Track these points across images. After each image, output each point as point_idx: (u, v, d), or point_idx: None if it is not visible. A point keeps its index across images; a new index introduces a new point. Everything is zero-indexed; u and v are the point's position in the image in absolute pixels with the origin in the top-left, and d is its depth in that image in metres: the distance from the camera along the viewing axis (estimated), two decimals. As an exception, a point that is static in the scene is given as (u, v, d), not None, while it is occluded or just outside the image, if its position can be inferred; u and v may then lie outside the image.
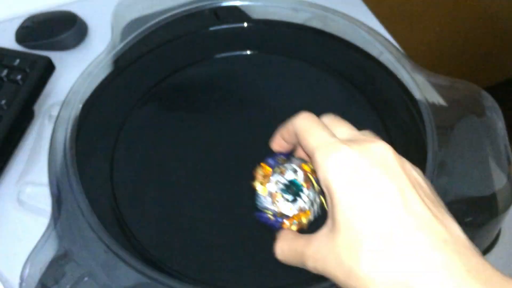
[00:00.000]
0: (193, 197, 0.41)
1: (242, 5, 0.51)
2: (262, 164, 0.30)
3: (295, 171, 0.29)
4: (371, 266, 0.20)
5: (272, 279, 0.37)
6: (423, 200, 0.22)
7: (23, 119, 0.45)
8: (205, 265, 0.37)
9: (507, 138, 0.40)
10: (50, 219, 0.36)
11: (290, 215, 0.28)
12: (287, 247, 0.27)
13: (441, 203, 0.24)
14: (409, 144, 0.43)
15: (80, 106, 0.42)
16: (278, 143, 0.30)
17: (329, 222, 0.24)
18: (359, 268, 0.20)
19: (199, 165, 0.43)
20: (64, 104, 0.42)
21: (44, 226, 0.36)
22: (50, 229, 0.35)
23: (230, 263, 0.37)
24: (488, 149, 0.40)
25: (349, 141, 0.24)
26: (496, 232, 0.39)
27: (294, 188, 0.29)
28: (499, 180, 0.38)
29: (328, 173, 0.23)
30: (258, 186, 0.30)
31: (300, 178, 0.29)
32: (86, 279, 0.33)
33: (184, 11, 0.49)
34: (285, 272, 0.37)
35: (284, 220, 0.28)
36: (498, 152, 0.40)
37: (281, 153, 0.31)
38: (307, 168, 0.30)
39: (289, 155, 0.31)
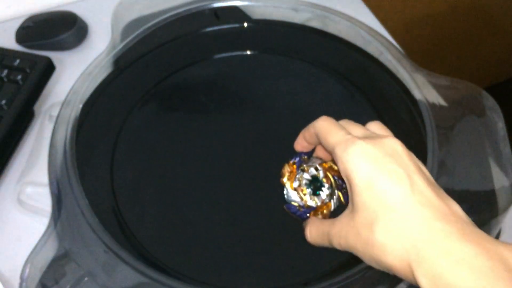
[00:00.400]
0: (193, 197, 0.41)
1: (242, 5, 0.51)
2: (289, 162, 0.34)
3: (316, 169, 0.33)
4: (384, 236, 0.24)
5: (272, 279, 0.37)
6: (426, 183, 0.26)
7: (23, 119, 0.45)
8: (205, 265, 0.37)
9: (507, 138, 0.40)
10: (50, 219, 0.36)
11: (314, 206, 0.33)
12: (315, 230, 0.31)
13: (441, 189, 0.27)
14: (409, 144, 0.43)
15: (80, 106, 0.42)
16: (301, 144, 0.34)
17: (349, 205, 0.28)
18: (375, 238, 0.25)
19: (199, 165, 0.43)
20: (64, 104, 0.42)
21: (44, 226, 0.36)
22: (50, 229, 0.35)
23: (230, 263, 0.37)
24: (488, 149, 0.40)
25: (364, 137, 0.28)
26: (496, 231, 0.39)
27: (317, 184, 0.33)
28: (499, 180, 0.38)
29: (347, 163, 0.27)
30: (286, 182, 0.34)
31: (321, 175, 0.33)
32: (86, 279, 0.33)
33: (184, 11, 0.49)
34: (285, 272, 0.37)
35: (310, 211, 0.33)
36: (498, 152, 0.40)
37: (303, 153, 0.35)
38: (326, 166, 0.34)
39: (310, 155, 0.35)
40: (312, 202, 0.33)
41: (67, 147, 0.39)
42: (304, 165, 0.34)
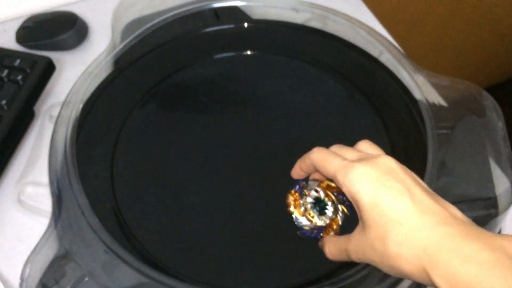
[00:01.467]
0: (193, 197, 0.41)
1: (242, 5, 0.51)
2: (291, 192, 0.36)
3: (316, 191, 0.36)
4: (397, 248, 0.27)
5: (272, 279, 0.37)
6: (424, 193, 0.28)
7: (23, 119, 0.45)
8: (205, 265, 0.37)
9: (507, 138, 0.40)
10: (51, 219, 0.36)
11: (324, 225, 0.35)
12: (333, 248, 0.33)
13: (437, 195, 0.29)
14: (409, 144, 0.43)
15: (81, 106, 0.42)
16: (298, 173, 0.36)
17: (360, 222, 0.30)
18: (389, 250, 0.27)
19: (199, 165, 0.43)
20: (64, 104, 0.42)
21: (44, 226, 0.36)
22: (51, 229, 0.35)
23: (230, 263, 0.38)
24: (488, 149, 0.40)
25: (359, 160, 0.30)
26: (496, 232, 0.39)
27: (321, 204, 0.35)
28: (499, 180, 0.38)
29: (351, 187, 0.29)
30: (293, 210, 0.36)
31: (322, 195, 0.36)
32: (86, 279, 0.33)
33: (184, 11, 0.49)
34: (285, 273, 0.37)
35: (323, 231, 0.35)
36: (498, 152, 0.40)
37: (301, 179, 0.37)
38: (323, 185, 0.36)
39: (307, 179, 0.37)
40: (321, 222, 0.35)
41: (67, 147, 0.39)
42: (305, 190, 0.36)
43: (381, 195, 0.28)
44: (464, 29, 1.10)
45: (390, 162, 0.30)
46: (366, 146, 0.33)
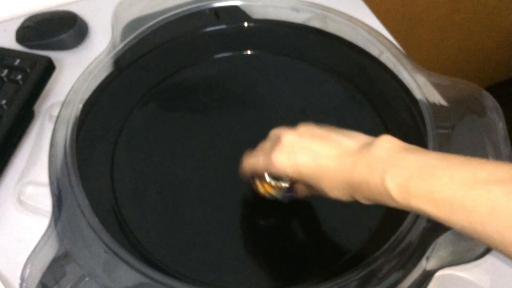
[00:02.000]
0: (193, 197, 0.41)
1: (242, 5, 0.51)
2: (257, 186, 0.39)
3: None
4: (332, 193, 0.34)
5: (272, 279, 0.37)
6: (321, 143, 0.34)
7: (23, 119, 0.45)
8: (205, 265, 0.37)
9: (507, 138, 0.40)
10: (51, 219, 0.36)
11: (290, 182, 0.40)
12: (302, 193, 0.39)
13: (336, 130, 0.35)
14: (409, 144, 0.43)
15: (81, 106, 0.42)
16: (246, 176, 0.40)
17: None
18: (331, 196, 0.34)
19: (199, 165, 0.43)
20: (64, 104, 0.42)
21: (44, 226, 0.36)
22: (51, 229, 0.35)
23: (230, 263, 0.38)
24: (488, 149, 0.40)
25: (272, 148, 0.36)
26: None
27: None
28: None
29: (280, 172, 0.35)
30: (270, 195, 0.39)
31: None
32: (86, 279, 0.33)
33: (184, 11, 0.49)
34: (285, 272, 0.37)
35: (293, 186, 0.40)
36: (498, 152, 0.40)
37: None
38: None
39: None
40: (286, 183, 0.39)
41: (67, 147, 0.39)
42: (260, 178, 0.40)
43: (298, 165, 0.34)
44: (464, 29, 1.10)
45: (289, 137, 0.35)
46: (274, 133, 0.38)
